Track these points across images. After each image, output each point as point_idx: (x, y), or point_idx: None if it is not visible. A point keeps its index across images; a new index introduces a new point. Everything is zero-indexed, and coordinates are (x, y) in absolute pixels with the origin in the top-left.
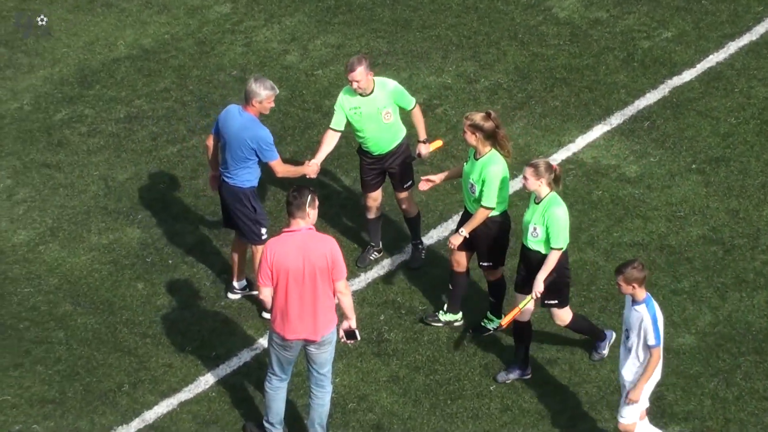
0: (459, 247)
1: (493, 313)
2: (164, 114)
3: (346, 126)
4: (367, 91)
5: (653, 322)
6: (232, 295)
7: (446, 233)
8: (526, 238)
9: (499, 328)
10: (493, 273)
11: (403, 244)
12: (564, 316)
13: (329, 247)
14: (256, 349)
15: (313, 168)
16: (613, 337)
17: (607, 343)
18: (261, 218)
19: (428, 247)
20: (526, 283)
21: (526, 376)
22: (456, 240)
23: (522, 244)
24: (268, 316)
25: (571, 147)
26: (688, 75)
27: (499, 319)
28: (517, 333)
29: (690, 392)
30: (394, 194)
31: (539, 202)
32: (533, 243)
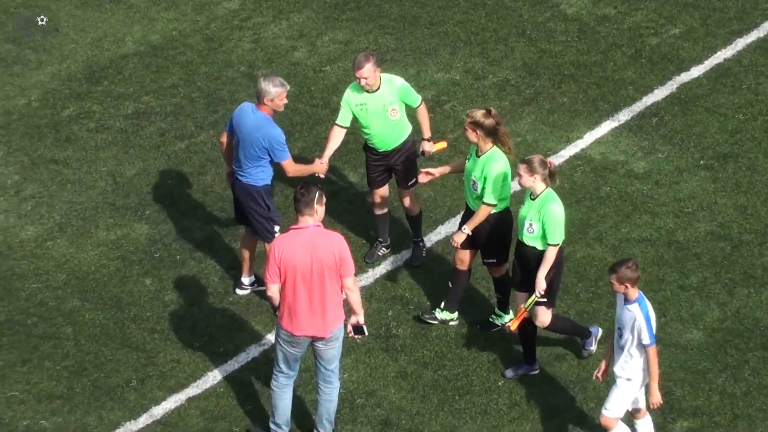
0: (462, 245)
1: (501, 308)
2: (172, 110)
3: (352, 122)
4: (374, 88)
5: (646, 321)
6: (240, 291)
7: (454, 229)
8: (522, 234)
9: (509, 331)
10: (498, 270)
11: (411, 240)
12: (544, 317)
13: (337, 243)
14: (264, 345)
15: (323, 166)
16: (600, 333)
17: (594, 339)
18: (274, 216)
19: (436, 243)
20: (523, 280)
21: (534, 372)
22: (459, 238)
23: (518, 239)
24: None
25: (579, 143)
26: (696, 71)
27: (507, 314)
28: (523, 329)
29: (698, 388)
30: (398, 191)
31: (535, 198)
32: (529, 239)
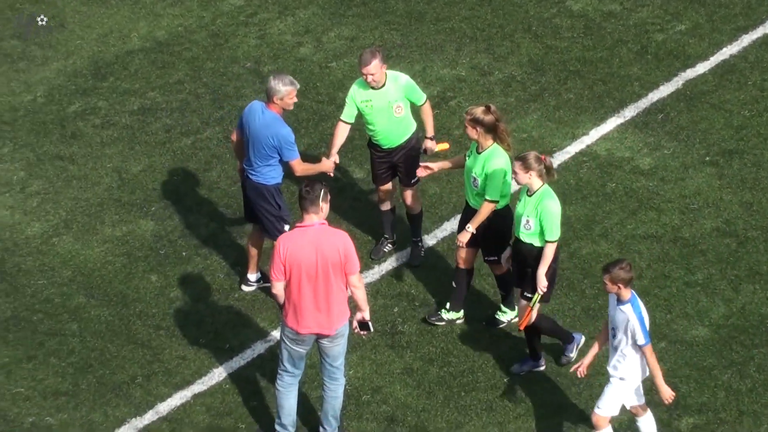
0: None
1: (506, 305)
2: (178, 106)
3: (357, 118)
4: (380, 85)
5: (640, 322)
6: (246, 287)
7: None
8: (519, 231)
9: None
10: (499, 267)
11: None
12: (532, 312)
13: (342, 241)
14: (270, 341)
15: (332, 164)
16: (582, 341)
17: (575, 346)
18: (284, 215)
19: (442, 239)
20: (520, 277)
21: (540, 368)
22: (464, 237)
23: (514, 236)
24: None
25: (585, 139)
26: (702, 68)
27: (512, 311)
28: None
29: (703, 384)
30: (400, 188)
31: (532, 195)
32: (525, 236)
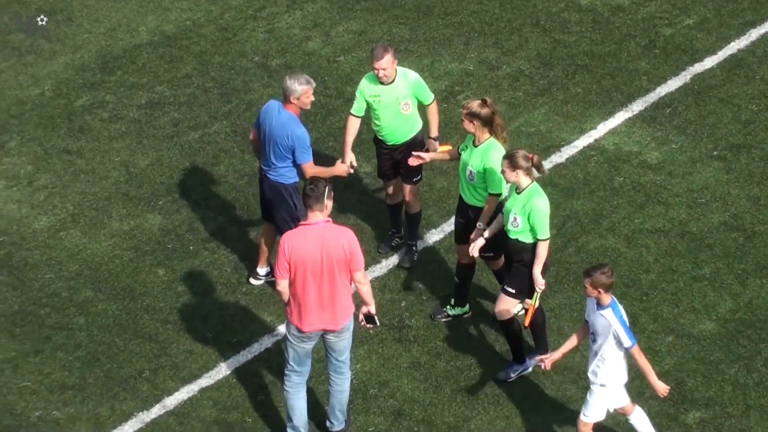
0: (463, 239)
1: None
2: (186, 100)
3: (368, 111)
4: (390, 80)
5: (623, 325)
6: (254, 281)
7: None
8: (507, 226)
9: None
10: (495, 263)
11: (425, 231)
12: (505, 307)
13: (347, 238)
14: (277, 336)
15: (345, 168)
16: (529, 370)
17: (520, 370)
18: (300, 215)
19: (449, 233)
20: (508, 272)
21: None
22: (476, 236)
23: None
24: None
25: (593, 134)
26: (710, 62)
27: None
28: (533, 323)
29: (710, 378)
30: (402, 186)
31: (520, 192)
32: (512, 232)
